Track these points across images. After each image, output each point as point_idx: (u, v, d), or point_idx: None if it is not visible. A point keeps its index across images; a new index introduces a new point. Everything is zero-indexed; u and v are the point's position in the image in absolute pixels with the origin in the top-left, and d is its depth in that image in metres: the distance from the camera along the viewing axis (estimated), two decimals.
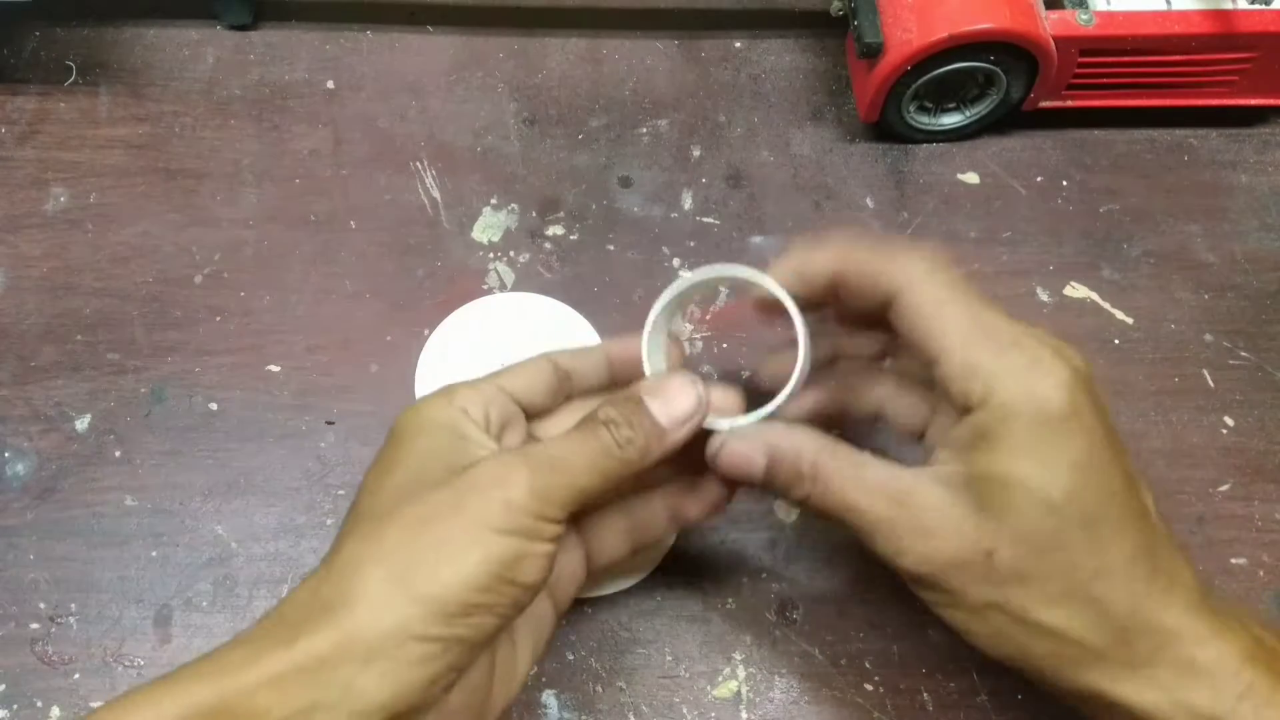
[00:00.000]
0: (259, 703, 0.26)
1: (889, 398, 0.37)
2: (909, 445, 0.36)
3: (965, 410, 0.31)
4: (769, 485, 0.33)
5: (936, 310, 0.32)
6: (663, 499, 0.36)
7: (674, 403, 0.33)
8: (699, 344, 0.46)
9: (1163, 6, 0.47)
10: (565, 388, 0.36)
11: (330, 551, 0.30)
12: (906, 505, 0.31)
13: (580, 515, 0.35)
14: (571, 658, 0.40)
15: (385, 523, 0.29)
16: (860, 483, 0.31)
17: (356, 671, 0.27)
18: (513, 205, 0.49)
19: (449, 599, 0.28)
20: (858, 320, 0.37)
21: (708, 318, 0.46)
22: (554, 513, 0.30)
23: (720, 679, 0.40)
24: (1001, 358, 0.30)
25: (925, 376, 0.34)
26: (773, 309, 0.35)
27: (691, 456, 0.34)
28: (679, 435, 0.33)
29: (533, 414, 0.35)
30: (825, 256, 0.34)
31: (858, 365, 0.38)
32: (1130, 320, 0.47)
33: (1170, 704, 0.29)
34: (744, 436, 0.33)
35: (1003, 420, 0.30)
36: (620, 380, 0.37)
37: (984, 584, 0.30)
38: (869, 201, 0.50)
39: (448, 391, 0.33)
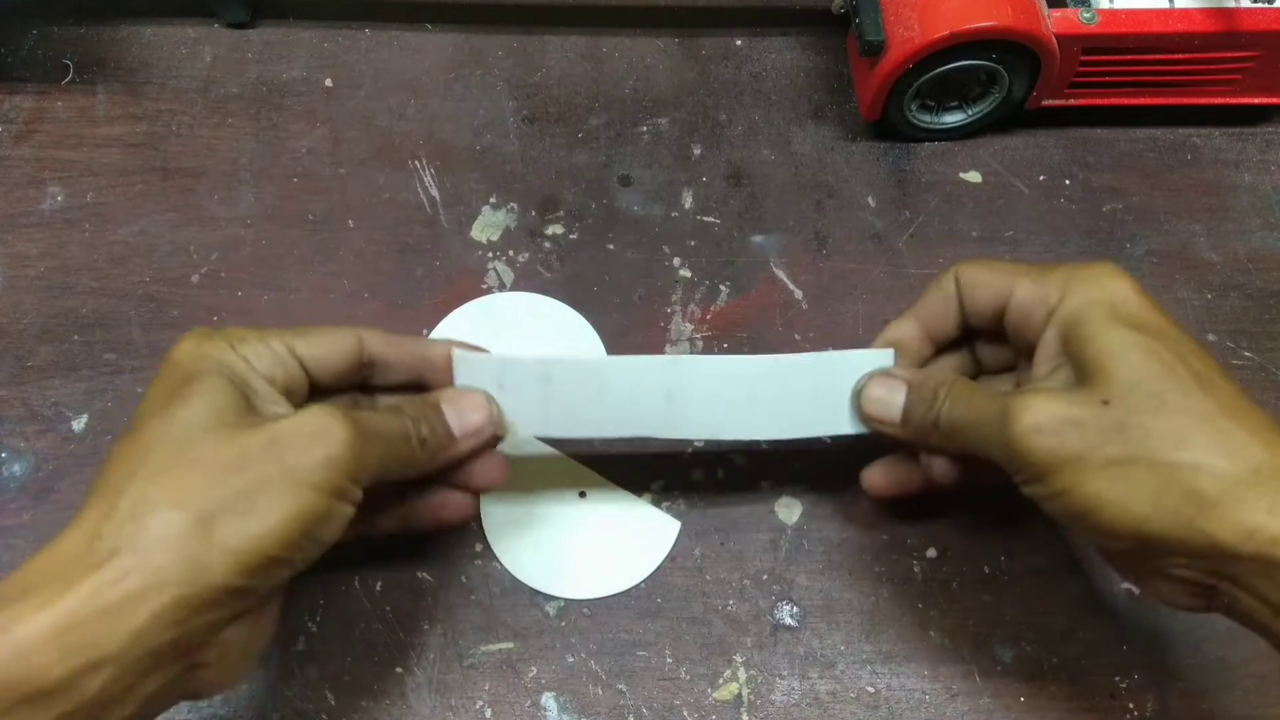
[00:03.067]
0: (34, 664, 0.25)
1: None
2: None
3: (1046, 318, 0.34)
4: (906, 419, 0.35)
5: (992, 270, 0.36)
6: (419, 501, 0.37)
7: (467, 416, 0.35)
8: (699, 343, 0.46)
9: (1165, 5, 0.47)
10: (363, 374, 0.36)
11: (104, 489, 0.28)
12: (1022, 393, 0.32)
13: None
14: (571, 660, 0.39)
15: (185, 464, 0.28)
16: (985, 392, 0.34)
17: (145, 619, 0.26)
18: (512, 204, 0.49)
19: (255, 552, 0.28)
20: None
21: (708, 317, 0.46)
22: (364, 477, 0.31)
23: (721, 681, 0.39)
24: (1061, 270, 0.34)
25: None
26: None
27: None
28: (466, 447, 0.35)
29: (316, 388, 0.35)
30: (911, 324, 0.38)
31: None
32: None
33: None
34: (885, 375, 0.36)
35: (1084, 304, 0.32)
36: (426, 384, 0.37)
37: (1108, 438, 0.30)
38: (870, 200, 0.50)
39: (232, 336, 0.32)
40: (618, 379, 0.37)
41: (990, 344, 0.39)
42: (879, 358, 0.37)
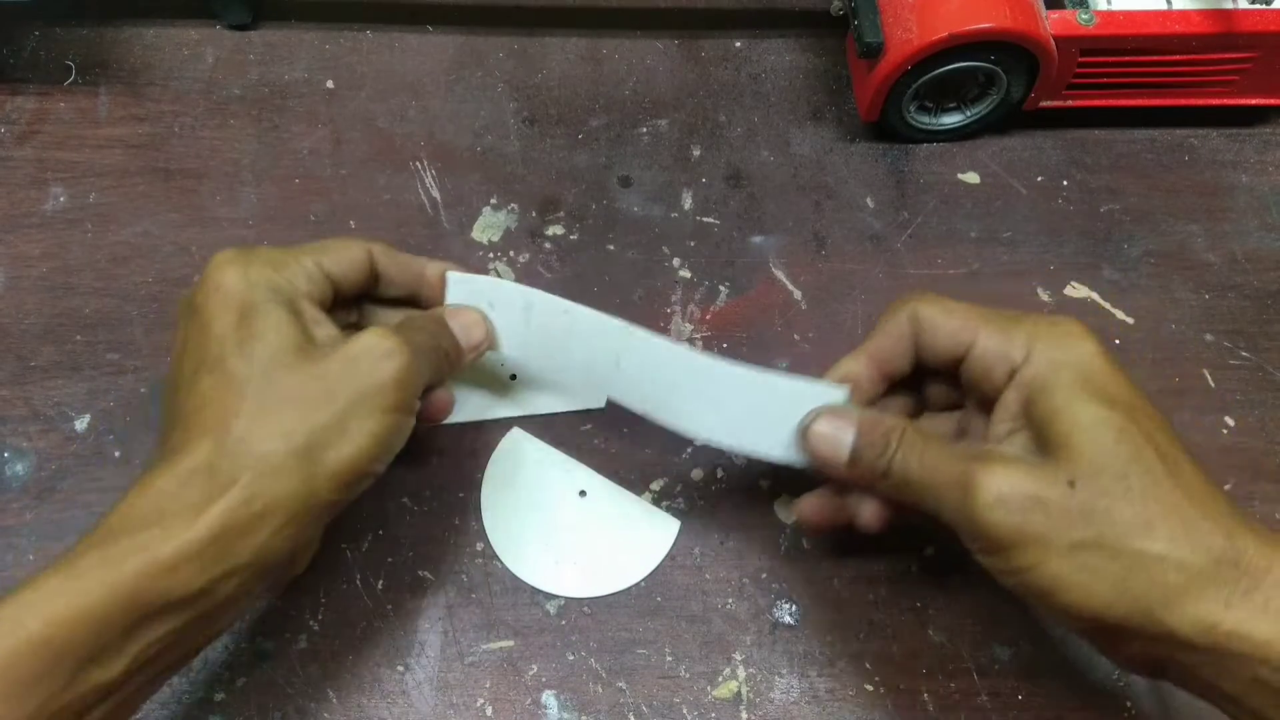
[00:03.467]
0: (179, 578, 0.29)
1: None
2: None
3: (1008, 376, 0.33)
4: (854, 461, 0.34)
5: (951, 313, 0.34)
6: None
7: (471, 331, 0.39)
8: (699, 343, 0.46)
9: (1163, 6, 0.47)
10: (368, 286, 0.38)
11: (205, 426, 0.31)
12: (984, 460, 0.31)
13: None
14: (571, 658, 0.40)
15: (279, 403, 0.31)
16: (941, 448, 0.32)
17: (268, 535, 0.31)
18: (512, 205, 0.49)
19: (352, 471, 0.32)
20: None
21: (708, 317, 0.46)
22: (419, 390, 0.35)
23: (720, 679, 0.39)
24: (1026, 324, 0.33)
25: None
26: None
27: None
28: (469, 360, 0.39)
29: (339, 300, 0.37)
30: (861, 359, 0.37)
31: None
32: (1131, 320, 0.47)
33: None
34: (834, 412, 0.35)
35: (1050, 369, 0.31)
36: (419, 300, 0.40)
37: (1073, 521, 0.29)
38: (869, 201, 0.50)
39: (271, 259, 0.35)
40: (583, 325, 0.39)
41: (936, 383, 0.38)
42: (831, 393, 0.36)
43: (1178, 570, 0.28)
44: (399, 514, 0.42)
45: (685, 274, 0.48)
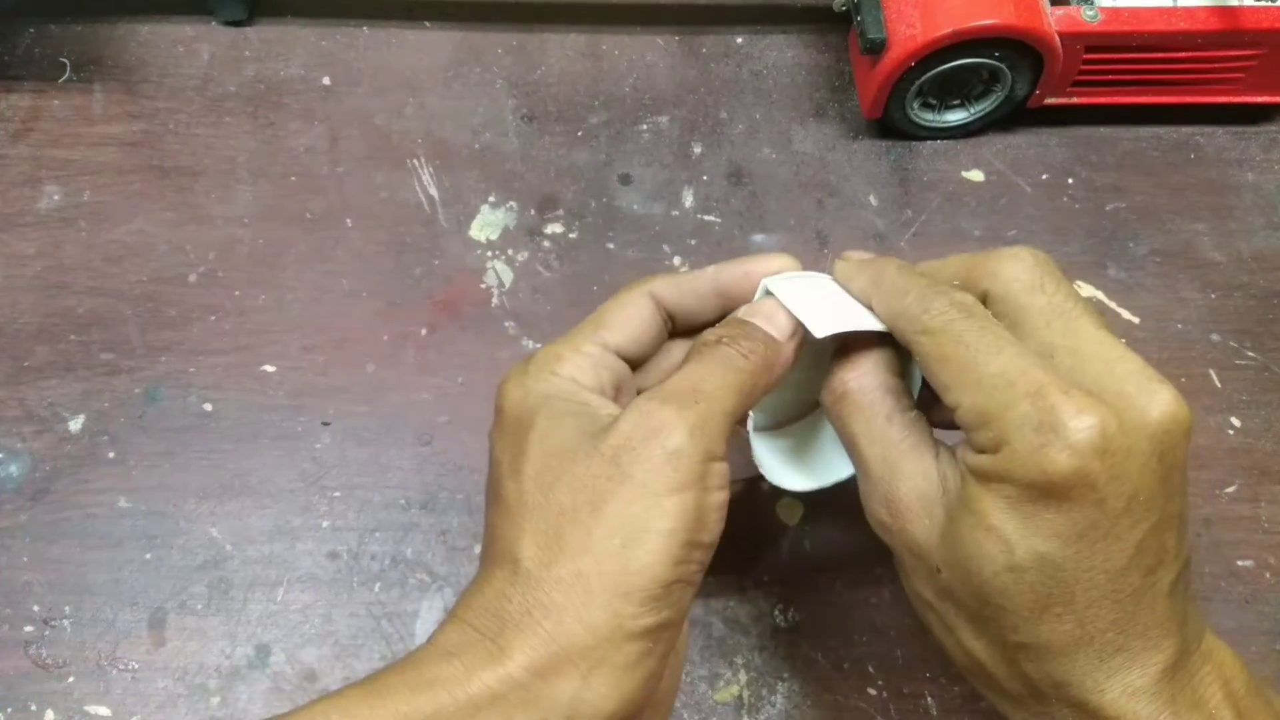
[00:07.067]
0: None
1: None
2: None
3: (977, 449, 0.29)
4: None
5: (954, 346, 0.29)
6: None
7: (775, 318, 0.32)
8: None
9: (1168, 3, 0.46)
10: (667, 329, 0.34)
11: (498, 555, 0.28)
12: (900, 476, 0.29)
13: None
14: None
15: (554, 519, 0.27)
16: (890, 424, 0.30)
17: (579, 685, 0.25)
18: (511, 203, 0.49)
19: (650, 583, 0.26)
20: None
21: None
22: (718, 449, 0.28)
23: (721, 683, 0.39)
24: (1014, 410, 0.27)
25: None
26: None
27: None
28: (790, 349, 0.32)
29: (636, 365, 0.33)
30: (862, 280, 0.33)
31: None
32: (1136, 319, 0.47)
33: None
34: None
35: (1004, 471, 0.27)
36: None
37: (927, 586, 0.30)
38: (872, 199, 0.49)
39: (548, 360, 0.31)
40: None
41: None
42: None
43: (991, 679, 0.29)
44: (396, 516, 0.42)
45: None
